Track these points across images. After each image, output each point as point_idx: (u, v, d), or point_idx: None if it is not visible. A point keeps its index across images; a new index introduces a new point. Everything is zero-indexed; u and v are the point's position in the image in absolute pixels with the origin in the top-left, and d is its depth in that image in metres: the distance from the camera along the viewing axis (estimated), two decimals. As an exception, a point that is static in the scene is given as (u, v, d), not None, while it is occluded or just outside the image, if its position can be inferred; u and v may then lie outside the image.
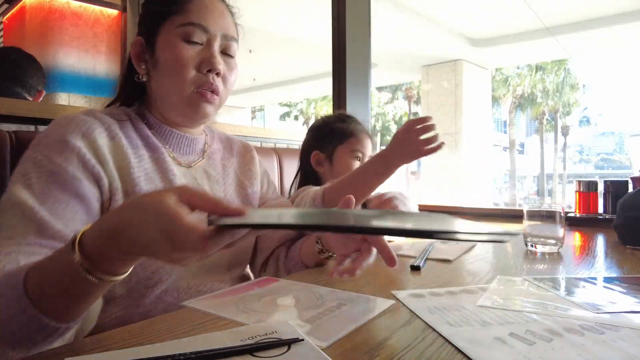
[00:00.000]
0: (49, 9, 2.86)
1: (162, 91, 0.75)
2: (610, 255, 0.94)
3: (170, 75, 0.72)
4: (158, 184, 0.71)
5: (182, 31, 0.71)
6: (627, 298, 0.62)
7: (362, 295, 0.62)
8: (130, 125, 0.74)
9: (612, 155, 34.04)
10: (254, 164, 0.92)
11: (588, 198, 1.42)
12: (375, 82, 12.67)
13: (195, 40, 0.72)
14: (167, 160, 0.74)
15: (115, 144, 0.69)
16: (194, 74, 0.72)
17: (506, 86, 18.63)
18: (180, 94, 0.72)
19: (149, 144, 0.74)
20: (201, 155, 0.83)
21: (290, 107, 23.16)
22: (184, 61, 0.71)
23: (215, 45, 0.74)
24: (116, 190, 0.66)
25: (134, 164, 0.69)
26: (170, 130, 0.78)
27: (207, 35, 0.73)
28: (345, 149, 1.17)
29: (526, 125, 31.73)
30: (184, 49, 0.71)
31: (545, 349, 0.43)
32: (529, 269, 0.79)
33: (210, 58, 0.72)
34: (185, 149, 0.80)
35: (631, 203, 1.05)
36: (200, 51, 0.73)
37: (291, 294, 0.63)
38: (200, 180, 0.79)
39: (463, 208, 1.72)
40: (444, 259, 0.87)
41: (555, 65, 17.73)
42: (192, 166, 0.79)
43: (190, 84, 0.72)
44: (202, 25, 0.72)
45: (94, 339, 0.46)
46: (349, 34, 1.81)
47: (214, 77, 0.73)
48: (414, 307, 0.56)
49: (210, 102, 0.74)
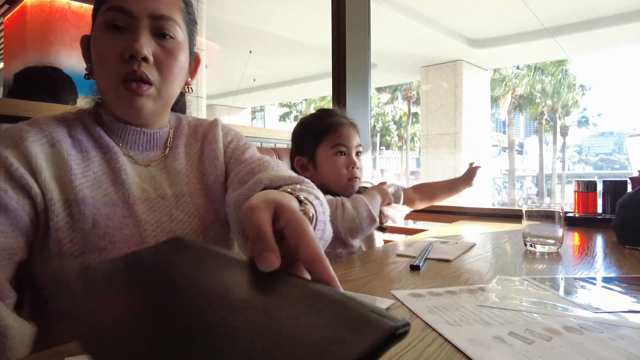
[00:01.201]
0: (49, 9, 2.87)
1: (99, 88, 0.70)
2: (609, 255, 0.95)
3: (98, 70, 0.66)
4: (108, 187, 0.67)
5: (104, 19, 0.65)
6: (626, 298, 0.62)
7: (362, 294, 0.63)
8: (82, 128, 0.70)
9: (611, 155, 34.10)
10: (216, 143, 0.79)
11: (587, 198, 1.43)
12: (374, 82, 12.68)
13: (120, 27, 0.64)
14: (120, 159, 0.69)
15: (55, 151, 0.65)
16: (118, 64, 0.64)
17: (505, 86, 18.66)
18: (109, 89, 0.66)
19: (100, 145, 0.70)
20: (163, 149, 0.76)
21: (290, 108, 23.18)
22: (104, 51, 0.64)
23: (141, 28, 0.65)
24: (51, 201, 0.62)
25: (76, 171, 0.65)
26: (124, 127, 0.72)
27: (130, 18, 0.65)
28: (325, 146, 1.12)
29: (525, 126, 31.78)
30: (106, 39, 0.64)
31: (545, 348, 0.43)
32: (528, 268, 0.80)
33: (133, 43, 0.63)
34: (145, 145, 0.74)
35: (630, 203, 1.05)
36: (124, 38, 0.64)
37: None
38: (159, 179, 0.72)
39: (463, 208, 1.72)
40: (444, 259, 0.88)
41: (554, 66, 17.75)
42: (150, 164, 0.73)
43: (115, 76, 0.64)
44: (122, 7, 0.64)
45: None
46: (348, 35, 1.81)
47: (140, 63, 0.64)
48: (414, 307, 0.56)
49: (139, 94, 0.65)
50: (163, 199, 0.71)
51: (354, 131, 1.15)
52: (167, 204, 0.71)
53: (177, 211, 0.71)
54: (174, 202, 0.71)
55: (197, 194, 0.75)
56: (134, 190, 0.68)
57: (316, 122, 1.17)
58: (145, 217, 0.67)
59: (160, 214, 0.69)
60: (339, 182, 1.12)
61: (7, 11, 3.32)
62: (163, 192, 0.71)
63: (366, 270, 0.78)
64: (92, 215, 0.64)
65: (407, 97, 19.56)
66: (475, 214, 1.68)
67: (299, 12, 6.35)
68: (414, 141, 21.68)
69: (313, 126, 1.16)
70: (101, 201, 0.65)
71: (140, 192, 0.69)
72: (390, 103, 22.27)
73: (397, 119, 22.62)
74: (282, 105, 22.40)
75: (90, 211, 0.64)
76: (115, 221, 0.65)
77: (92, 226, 0.63)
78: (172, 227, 0.70)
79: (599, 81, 34.79)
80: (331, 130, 1.12)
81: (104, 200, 0.66)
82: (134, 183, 0.69)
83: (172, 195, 0.72)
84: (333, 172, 1.12)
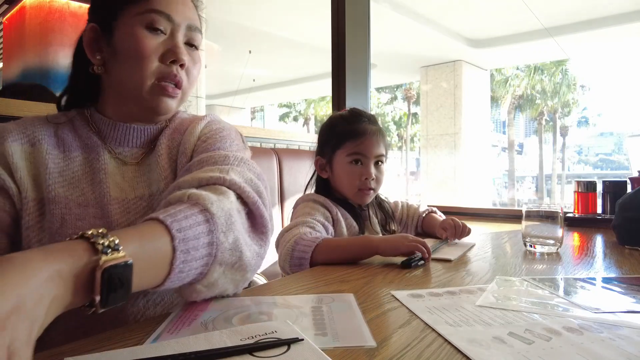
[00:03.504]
0: (48, 9, 2.86)
1: (120, 82, 0.69)
2: (609, 255, 0.94)
3: (131, 66, 0.66)
4: (85, 187, 0.67)
5: (145, 18, 0.66)
6: (625, 298, 0.62)
7: (326, 295, 0.62)
8: (70, 128, 0.71)
9: (610, 155, 34.11)
10: (192, 136, 0.73)
11: (587, 198, 1.43)
12: (374, 82, 12.69)
13: (159, 29, 0.67)
14: (102, 159, 0.69)
15: (35, 150, 0.65)
16: (157, 64, 0.67)
17: (505, 87, 18.66)
18: (141, 86, 0.67)
19: (86, 145, 0.70)
20: (151, 146, 0.74)
21: (290, 108, 23.17)
22: (146, 50, 0.65)
23: (179, 36, 0.69)
24: (25, 199, 0.63)
25: (52, 170, 0.65)
26: (114, 124, 0.71)
27: (171, 24, 0.68)
28: (343, 153, 1.08)
29: (525, 126, 31.78)
30: (147, 38, 0.66)
31: (544, 348, 0.43)
32: (527, 269, 0.79)
33: (174, 48, 0.67)
34: (134, 142, 0.73)
35: (630, 203, 1.05)
36: (163, 41, 0.67)
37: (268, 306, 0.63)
38: (140, 178, 0.71)
39: (462, 208, 1.72)
40: (445, 259, 0.88)
41: (554, 66, 17.76)
42: (137, 162, 0.72)
43: (152, 76, 0.67)
44: (166, 13, 0.67)
45: (93, 339, 0.46)
46: (348, 35, 1.81)
47: (178, 69, 0.68)
48: (413, 307, 0.56)
49: (172, 96, 0.69)
50: (140, 200, 0.69)
51: (377, 140, 1.09)
52: (143, 204, 0.69)
53: (151, 212, 0.68)
54: (149, 202, 0.70)
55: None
56: (111, 191, 0.68)
57: (341, 125, 1.12)
58: (119, 218, 0.67)
59: (134, 215, 0.68)
60: (349, 190, 1.09)
61: (7, 11, 3.33)
62: (142, 192, 0.70)
63: (366, 271, 0.78)
64: (62, 215, 0.64)
65: (407, 97, 19.56)
66: (475, 214, 1.68)
67: (299, 12, 6.35)
68: (414, 141, 21.68)
69: (337, 129, 1.12)
70: (75, 201, 0.65)
71: (118, 192, 0.68)
72: (390, 103, 22.28)
73: (397, 119, 22.62)
74: (282, 105, 22.39)
75: (60, 210, 0.64)
76: (86, 222, 0.65)
77: (60, 226, 0.63)
78: None
79: (599, 81, 34.84)
80: (352, 137, 1.08)
81: (78, 200, 0.66)
82: (112, 183, 0.68)
83: (149, 195, 0.70)
84: (345, 180, 1.09)
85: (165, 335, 0.46)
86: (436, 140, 9.31)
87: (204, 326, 0.49)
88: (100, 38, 0.69)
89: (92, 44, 0.69)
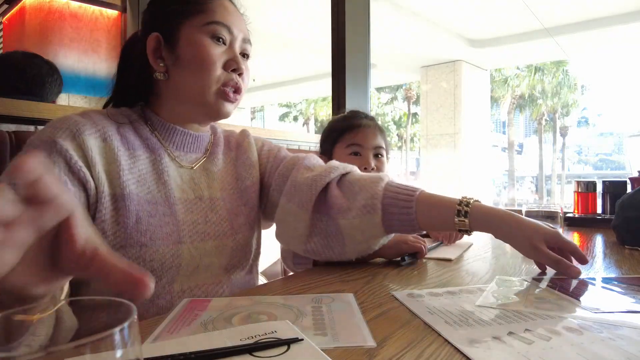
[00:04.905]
0: (48, 9, 2.86)
1: (183, 87, 0.74)
2: (609, 255, 0.95)
3: (196, 72, 0.72)
4: (151, 185, 0.71)
5: (209, 29, 0.72)
6: (625, 298, 0.62)
7: (326, 295, 0.62)
8: (130, 128, 0.74)
9: (610, 155, 34.10)
10: (251, 151, 0.89)
11: (587, 198, 1.43)
12: (374, 82, 12.69)
13: (221, 38, 0.73)
14: (164, 161, 0.74)
15: (107, 146, 0.68)
16: (220, 72, 0.73)
17: (505, 87, 18.65)
18: (206, 91, 0.73)
19: (147, 146, 0.74)
20: (205, 152, 0.82)
21: (290, 108, 23.16)
22: (212, 58, 0.72)
23: (238, 47, 0.76)
24: (102, 194, 0.65)
25: (124, 167, 0.68)
26: (174, 129, 0.77)
27: (231, 36, 0.75)
28: (341, 145, 1.12)
29: (525, 126, 31.78)
30: (212, 47, 0.72)
31: (544, 347, 0.43)
32: (527, 269, 0.79)
33: (235, 58, 0.75)
34: (189, 147, 0.79)
35: (630, 203, 1.05)
36: (225, 51, 0.74)
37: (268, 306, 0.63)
38: (198, 180, 0.78)
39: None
40: (445, 258, 0.88)
41: (554, 66, 17.75)
42: (193, 166, 0.79)
43: (216, 82, 0.73)
44: (227, 26, 0.74)
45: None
46: (348, 35, 1.81)
47: (237, 76, 0.75)
48: (413, 307, 0.56)
49: (232, 101, 0.76)
50: (200, 201, 0.76)
51: (374, 132, 1.12)
52: (203, 205, 0.76)
53: (212, 213, 0.77)
54: (209, 204, 0.77)
55: (229, 198, 0.81)
56: (175, 191, 0.73)
57: (339, 122, 1.17)
58: (184, 217, 0.72)
59: (196, 215, 0.74)
60: None
61: (6, 11, 3.32)
62: (200, 193, 0.77)
63: (366, 271, 0.78)
64: (136, 211, 0.67)
65: (407, 97, 19.56)
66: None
67: (298, 12, 6.34)
68: (414, 141, 21.68)
69: (336, 126, 1.17)
70: (144, 198, 0.69)
71: (180, 192, 0.74)
72: (390, 103, 22.27)
73: (397, 119, 22.61)
74: (282, 105, 22.38)
75: (134, 207, 0.67)
76: (157, 219, 0.69)
77: (135, 222, 0.67)
78: (206, 228, 0.75)
79: (599, 81, 34.83)
80: (350, 130, 1.12)
81: (147, 198, 0.69)
82: (174, 184, 0.74)
83: (209, 197, 0.77)
84: None
85: (165, 335, 0.46)
86: (436, 140, 9.31)
87: (203, 326, 0.49)
88: (162, 46, 0.74)
89: (154, 52, 0.74)
